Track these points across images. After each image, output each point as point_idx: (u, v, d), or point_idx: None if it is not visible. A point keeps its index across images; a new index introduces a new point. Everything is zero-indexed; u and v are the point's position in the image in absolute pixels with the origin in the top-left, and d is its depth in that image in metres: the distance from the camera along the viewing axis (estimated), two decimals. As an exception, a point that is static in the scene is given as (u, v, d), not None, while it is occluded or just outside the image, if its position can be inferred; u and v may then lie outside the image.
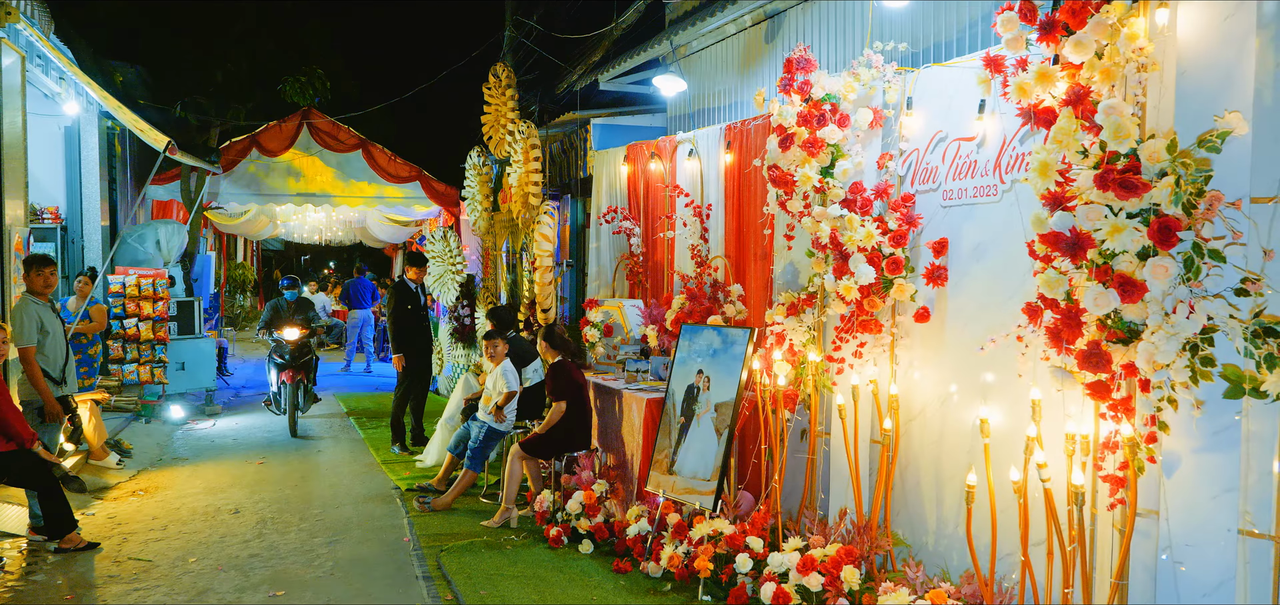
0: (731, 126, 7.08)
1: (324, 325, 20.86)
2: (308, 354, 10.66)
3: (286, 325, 10.60)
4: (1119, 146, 3.41)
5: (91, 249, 11.28)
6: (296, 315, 10.77)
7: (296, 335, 10.59)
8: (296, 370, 10.50)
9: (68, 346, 7.13)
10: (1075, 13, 3.72)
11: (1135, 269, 3.39)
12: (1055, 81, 3.82)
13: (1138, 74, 3.56)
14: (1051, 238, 3.58)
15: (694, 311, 6.72)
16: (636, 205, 8.60)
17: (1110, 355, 3.47)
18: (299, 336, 10.59)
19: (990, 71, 4.26)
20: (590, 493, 6.61)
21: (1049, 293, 3.64)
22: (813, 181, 5.33)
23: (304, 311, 10.87)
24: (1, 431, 5.94)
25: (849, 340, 5.32)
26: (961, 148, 4.88)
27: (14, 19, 7.54)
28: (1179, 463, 3.50)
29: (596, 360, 7.95)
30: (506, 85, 10.46)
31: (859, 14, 6.59)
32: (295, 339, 10.55)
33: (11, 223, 7.67)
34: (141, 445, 9.77)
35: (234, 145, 13.78)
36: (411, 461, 9.11)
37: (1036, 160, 3.67)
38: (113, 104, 8.95)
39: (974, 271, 4.83)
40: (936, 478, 5.04)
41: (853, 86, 5.31)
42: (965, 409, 4.82)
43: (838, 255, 5.27)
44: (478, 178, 11.96)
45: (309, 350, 10.71)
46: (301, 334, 10.61)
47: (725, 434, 5.78)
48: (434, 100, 14.26)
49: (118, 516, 7.23)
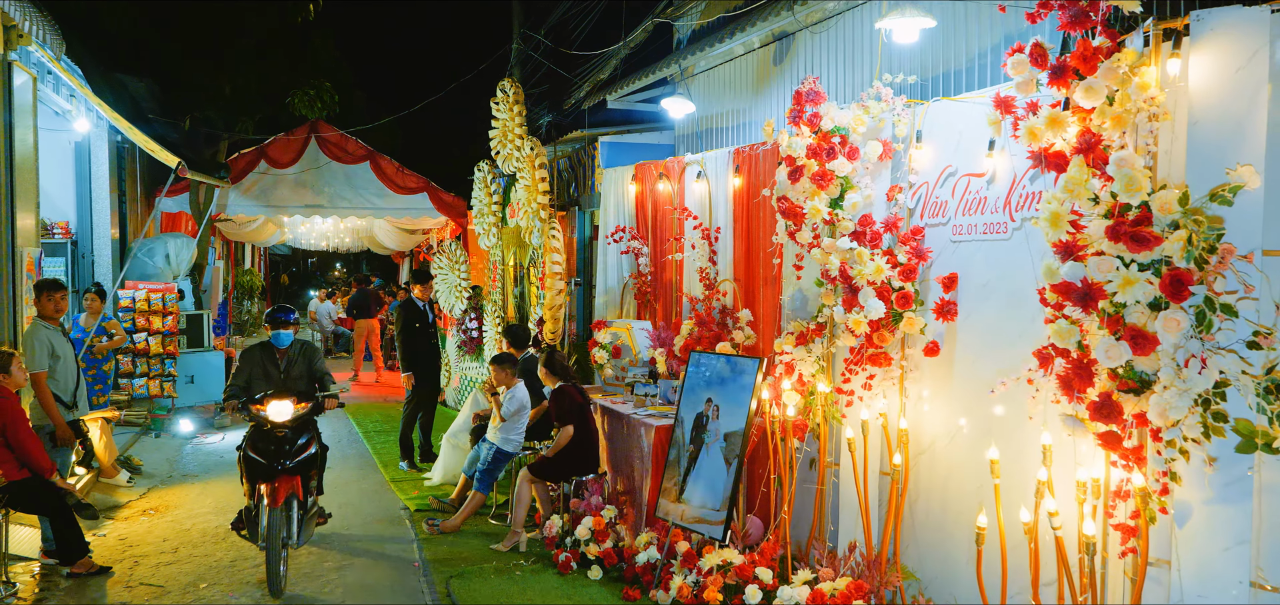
0: (740, 150, 7.09)
1: (330, 331, 21.02)
2: (308, 445, 6.25)
3: (273, 399, 6.14)
4: (1130, 199, 3.41)
5: (101, 263, 11.34)
6: (293, 369, 6.60)
7: (289, 412, 6.11)
8: (289, 475, 6.04)
9: (79, 370, 7.17)
10: (1086, 59, 3.72)
11: (1147, 320, 3.39)
12: (1066, 127, 3.82)
13: (1149, 122, 3.57)
14: (1063, 287, 3.58)
15: (703, 337, 6.73)
16: (644, 225, 8.61)
17: (1122, 406, 3.47)
18: (294, 414, 6.14)
19: (1000, 112, 4.27)
20: (599, 518, 6.62)
21: (1061, 343, 3.64)
22: (822, 214, 5.34)
23: (306, 363, 6.68)
24: (18, 460, 5.97)
25: (858, 372, 5.33)
26: (971, 184, 4.88)
27: (26, 42, 7.58)
28: (1191, 513, 3.50)
29: (605, 381, 7.96)
30: (515, 101, 10.49)
31: (868, 37, 6.59)
32: (288, 420, 6.10)
33: (23, 244, 7.72)
34: (151, 461, 9.82)
35: (242, 157, 13.85)
36: (420, 480, 9.14)
37: (1048, 210, 3.67)
38: (124, 124, 8.99)
39: (983, 307, 4.84)
40: (945, 512, 5.05)
41: (862, 119, 5.32)
42: (975, 444, 4.82)
43: (847, 288, 5.28)
44: (485, 191, 12.00)
45: (311, 433, 6.36)
46: (298, 411, 6.18)
47: (734, 464, 5.78)
48: (442, 112, 14.29)
49: (129, 538, 7.27)
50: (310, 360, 6.73)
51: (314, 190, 14.20)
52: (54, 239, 10.90)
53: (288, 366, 6.62)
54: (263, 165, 13.88)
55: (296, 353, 6.69)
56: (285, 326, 6.66)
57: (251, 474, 6.14)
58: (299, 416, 6.22)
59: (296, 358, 6.68)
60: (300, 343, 6.78)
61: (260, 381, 6.52)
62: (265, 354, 6.63)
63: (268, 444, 6.08)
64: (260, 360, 6.60)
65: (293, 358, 6.66)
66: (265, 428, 6.13)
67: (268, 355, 6.63)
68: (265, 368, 6.58)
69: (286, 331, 6.66)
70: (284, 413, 6.15)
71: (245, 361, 6.62)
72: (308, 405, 6.34)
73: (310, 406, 6.36)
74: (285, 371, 6.59)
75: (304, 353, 6.75)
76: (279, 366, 6.61)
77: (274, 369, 6.58)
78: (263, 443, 6.10)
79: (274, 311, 6.74)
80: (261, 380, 6.52)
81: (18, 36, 7.51)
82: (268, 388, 6.44)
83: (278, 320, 6.68)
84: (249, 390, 6.50)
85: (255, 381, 6.54)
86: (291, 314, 6.74)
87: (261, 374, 6.55)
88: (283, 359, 6.63)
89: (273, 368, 6.59)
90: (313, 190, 14.21)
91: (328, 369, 6.84)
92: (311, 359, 6.75)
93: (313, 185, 14.19)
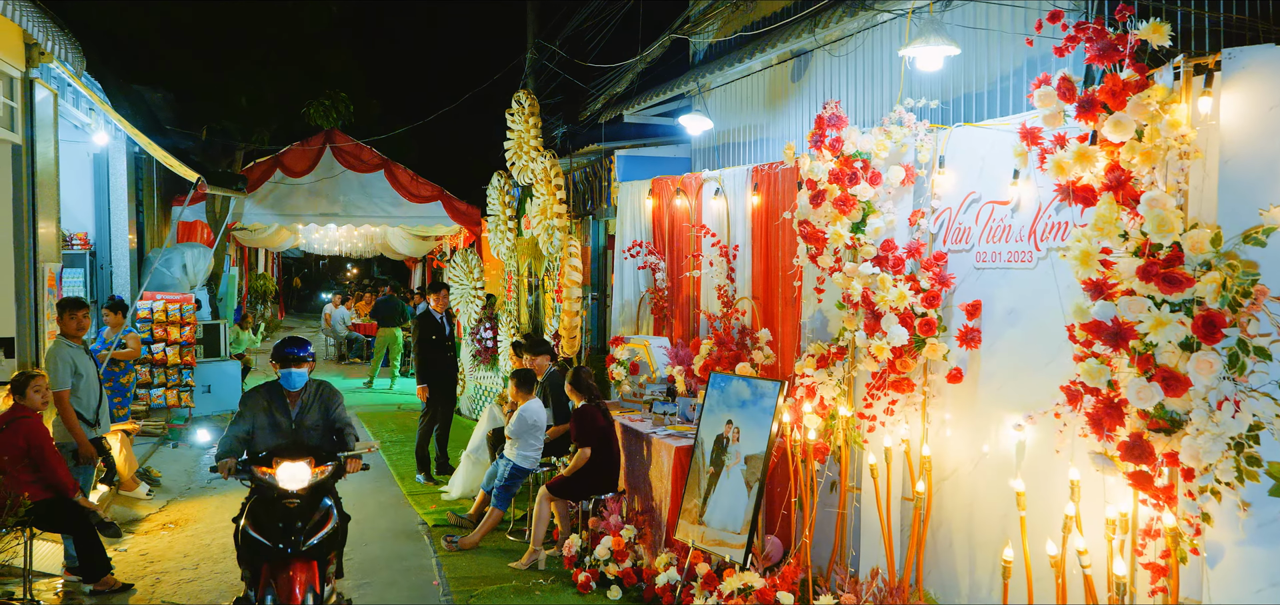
0: (758, 169, 7.08)
1: (343, 338, 21.06)
2: (327, 519, 4.99)
3: (284, 458, 4.88)
4: (1161, 239, 3.39)
5: (119, 274, 11.39)
6: (306, 418, 5.42)
7: (305, 477, 4.87)
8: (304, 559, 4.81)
9: (101, 388, 7.21)
10: (1115, 94, 3.70)
11: (1178, 361, 3.37)
12: (1094, 161, 3.80)
13: (1180, 160, 3.55)
14: (1094, 326, 3.57)
15: (722, 358, 6.73)
16: (661, 240, 8.61)
17: (1153, 447, 3.46)
18: (311, 479, 4.89)
19: (1026, 144, 4.25)
20: (618, 538, 6.63)
21: (1091, 382, 3.63)
22: (844, 239, 5.33)
23: (323, 410, 5.48)
24: (43, 480, 6.02)
25: (880, 397, 5.32)
26: (996, 211, 4.87)
27: (47, 59, 7.65)
28: (1222, 554, 3.49)
29: (622, 397, 7.97)
30: (530, 112, 10.52)
31: (887, 57, 6.58)
32: (304, 488, 4.86)
33: (45, 259, 7.78)
34: (170, 472, 9.87)
35: (258, 166, 13.93)
36: (437, 493, 9.16)
37: (1078, 249, 3.65)
38: (146, 141, 9.05)
39: (1008, 335, 4.82)
40: (969, 539, 5.03)
41: (884, 144, 5.31)
42: (999, 472, 4.81)
43: (869, 313, 5.27)
44: (501, 202, 12.02)
45: (330, 502, 5.10)
46: (315, 475, 4.93)
47: (755, 487, 5.78)
48: (456, 120, 14.33)
49: (150, 553, 7.31)
50: (328, 407, 5.50)
51: (329, 198, 14.27)
52: (73, 250, 10.96)
53: (300, 415, 5.40)
54: (278, 174, 13.96)
55: (311, 397, 5.47)
56: (297, 364, 5.36)
57: (252, 557, 4.83)
58: (317, 482, 4.92)
59: (311, 404, 5.45)
60: (316, 384, 5.54)
61: (265, 433, 5.31)
62: (272, 398, 5.39)
63: (275, 518, 4.80)
64: (266, 406, 5.37)
65: (306, 404, 5.44)
66: (273, 496, 4.85)
67: (275, 400, 5.39)
68: (272, 416, 5.36)
69: (299, 371, 5.37)
70: (298, 477, 4.84)
71: (247, 408, 5.38)
72: (328, 467, 5.01)
73: (331, 469, 5.03)
74: (297, 421, 5.38)
75: (320, 398, 5.50)
76: (289, 415, 5.39)
77: (283, 418, 5.37)
78: (269, 516, 4.82)
79: (283, 346, 5.44)
80: (267, 432, 5.32)
81: (40, 54, 7.58)
82: (274, 440, 5.25)
83: (288, 357, 5.38)
84: (251, 444, 5.26)
85: (259, 433, 5.31)
86: (305, 348, 5.46)
87: (267, 424, 5.34)
88: (294, 405, 5.42)
89: (281, 416, 5.38)
90: (328, 198, 14.28)
91: (350, 418, 5.61)
92: (329, 405, 5.51)
93: (328, 193, 14.26)
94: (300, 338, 5.63)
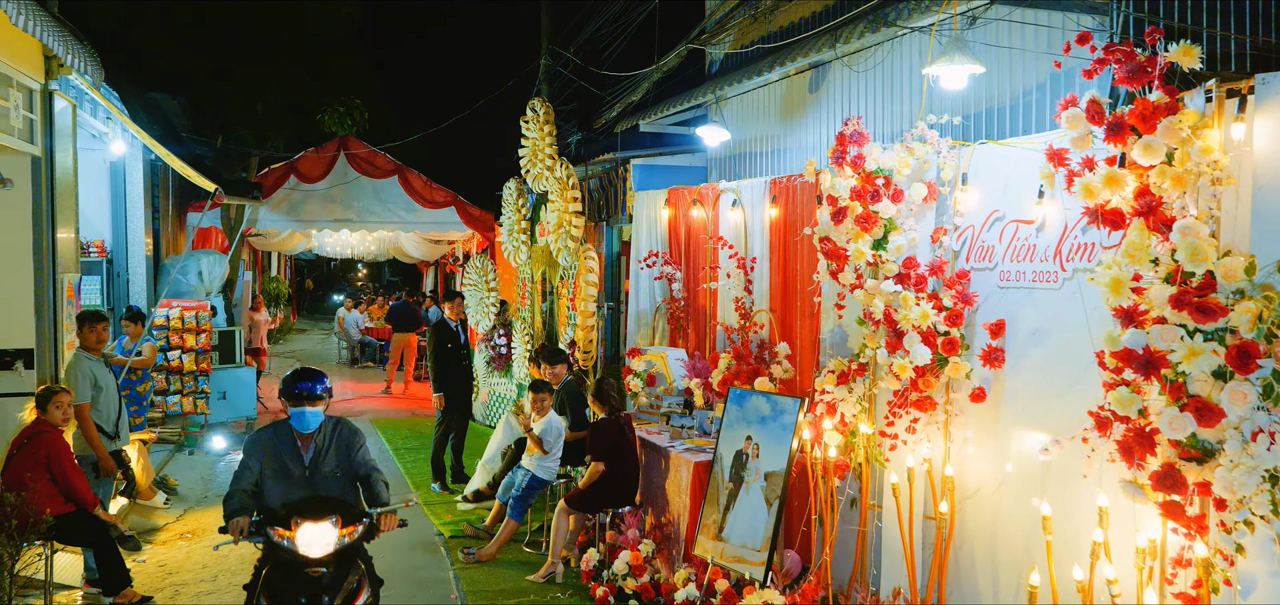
0: (776, 181, 7.05)
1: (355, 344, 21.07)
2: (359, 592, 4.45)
3: (305, 518, 4.26)
4: (1195, 268, 3.36)
5: (136, 281, 11.44)
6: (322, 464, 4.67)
7: (330, 541, 4.27)
8: None
9: (121, 401, 7.24)
10: (1146, 117, 3.66)
11: (1211, 390, 3.34)
12: (1124, 185, 3.76)
13: (1212, 186, 3.51)
14: (1124, 354, 3.54)
15: (741, 371, 6.70)
16: (677, 250, 8.59)
17: (1185, 477, 3.42)
18: (337, 544, 4.30)
19: (1053, 165, 4.21)
20: (637, 552, 6.61)
21: (1121, 410, 3.59)
22: (866, 256, 5.30)
23: (343, 454, 4.75)
24: (64, 494, 6.04)
25: (902, 415, 5.28)
26: (1020, 230, 4.83)
27: (66, 71, 7.69)
28: (1256, 585, 3.45)
29: (639, 408, 7.95)
30: (545, 120, 10.50)
31: (905, 68, 6.54)
32: (329, 553, 4.27)
33: (64, 270, 7.81)
34: (186, 480, 9.91)
35: (273, 172, 13.97)
36: (453, 502, 9.16)
37: (1108, 276, 3.62)
38: (162, 151, 9.09)
39: (1032, 355, 4.78)
40: (992, 559, 5.00)
41: (907, 161, 5.27)
42: (1023, 492, 4.77)
43: (891, 331, 5.23)
44: (515, 209, 12.02)
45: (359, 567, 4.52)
46: (343, 538, 4.33)
47: (775, 504, 5.76)
48: (470, 125, 14.34)
49: (168, 564, 7.33)
50: (349, 450, 4.77)
51: (343, 204, 14.32)
52: (90, 258, 11.01)
53: (315, 461, 4.68)
54: (292, 180, 14.00)
55: (327, 439, 4.73)
56: (310, 402, 4.59)
57: None
58: (344, 547, 4.30)
59: (327, 447, 4.72)
60: (333, 423, 4.79)
61: (276, 482, 4.60)
62: (281, 441, 4.67)
63: (297, 592, 4.18)
64: (275, 451, 4.65)
65: (321, 447, 4.71)
66: (292, 561, 4.23)
67: (285, 443, 4.67)
68: (282, 462, 4.63)
69: (313, 409, 4.61)
70: (322, 541, 4.21)
71: (254, 451, 4.66)
72: (357, 527, 4.38)
73: (361, 529, 4.40)
74: (311, 468, 4.66)
75: (339, 439, 4.77)
76: (302, 461, 4.66)
77: (295, 464, 4.64)
78: (289, 588, 4.21)
79: (293, 381, 4.64)
80: (277, 480, 4.60)
81: (58, 66, 7.62)
82: (288, 492, 4.56)
83: (299, 394, 4.58)
84: (260, 495, 4.61)
85: (269, 483, 4.61)
86: (319, 383, 4.65)
87: (276, 470, 4.62)
88: (307, 448, 4.69)
89: (293, 462, 4.64)
90: (341, 204, 14.33)
91: (375, 463, 4.87)
92: (350, 448, 4.78)
93: (342, 199, 14.30)
94: (312, 370, 4.76)
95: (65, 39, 7.13)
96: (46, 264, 7.54)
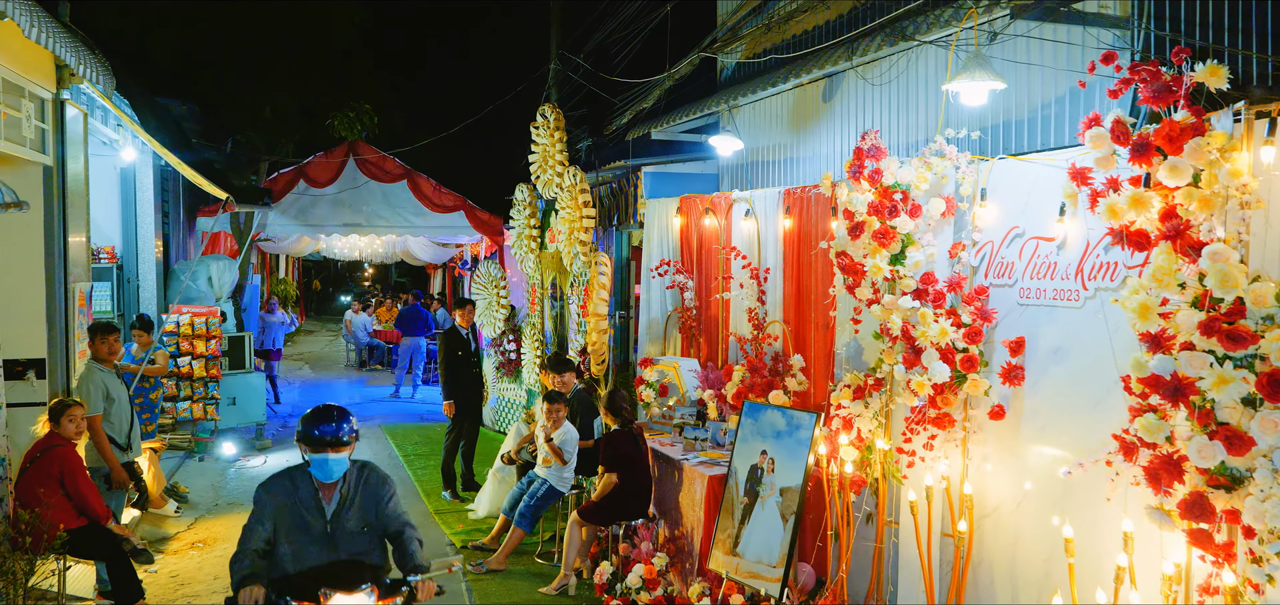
0: (790, 192, 7.01)
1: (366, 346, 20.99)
2: None
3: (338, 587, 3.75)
4: (1224, 294, 3.31)
5: (146, 288, 11.45)
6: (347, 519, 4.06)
7: None
8: None
9: (133, 412, 7.23)
10: (1172, 139, 3.62)
11: (1241, 418, 3.29)
12: (1149, 207, 3.72)
13: (1241, 210, 3.46)
14: (1151, 380, 3.49)
15: (756, 384, 6.67)
16: (690, 258, 8.56)
17: (1214, 506, 3.38)
18: None
19: (1076, 184, 4.17)
20: (651, 566, 6.58)
21: (1149, 437, 3.55)
22: (883, 272, 5.26)
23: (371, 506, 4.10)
24: (77, 508, 6.03)
25: (919, 432, 5.24)
26: (1040, 247, 4.78)
27: (78, 81, 7.68)
28: (1284, 614, 3.40)
29: (651, 419, 7.92)
30: (555, 127, 10.48)
31: (922, 77, 6.49)
32: None
33: (75, 279, 7.81)
34: (197, 488, 9.91)
35: (282, 177, 13.97)
36: (463, 511, 9.14)
37: (1136, 301, 3.57)
38: (173, 159, 9.08)
39: (1052, 373, 4.73)
40: (1012, 578, 4.95)
41: (925, 175, 5.22)
42: (1043, 511, 4.72)
43: (909, 347, 5.19)
44: (525, 215, 11.99)
45: None
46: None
47: (791, 520, 5.72)
48: (479, 129, 14.34)
49: (180, 575, 7.32)
50: (377, 501, 4.08)
51: (352, 209, 14.31)
52: (100, 264, 11.02)
53: (338, 514, 4.01)
54: (302, 185, 14.00)
55: (353, 489, 4.06)
56: (335, 448, 3.90)
57: None
58: None
59: (353, 497, 4.05)
60: (358, 469, 4.10)
61: (292, 540, 3.97)
62: (299, 492, 4.00)
63: None
64: (291, 503, 3.98)
65: (347, 498, 4.04)
66: None
67: (304, 495, 4.00)
68: (300, 516, 3.97)
69: (337, 456, 3.91)
70: None
71: (266, 505, 3.97)
72: (396, 601, 3.84)
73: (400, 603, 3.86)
74: (334, 523, 4.00)
75: (365, 488, 4.09)
76: (323, 515, 4.00)
77: (316, 518, 3.98)
78: None
79: (314, 421, 3.94)
80: (294, 538, 3.96)
81: (70, 76, 7.61)
82: (305, 551, 3.96)
83: (321, 438, 3.89)
84: (273, 556, 3.97)
85: (284, 541, 3.97)
86: (344, 424, 3.95)
87: (292, 526, 3.95)
88: (329, 499, 4.02)
89: (313, 516, 3.98)
90: (351, 209, 14.32)
91: (408, 515, 4.20)
92: (379, 498, 4.09)
93: (351, 204, 14.29)
94: (335, 407, 4.03)
95: (77, 49, 7.12)
96: (58, 273, 7.53)
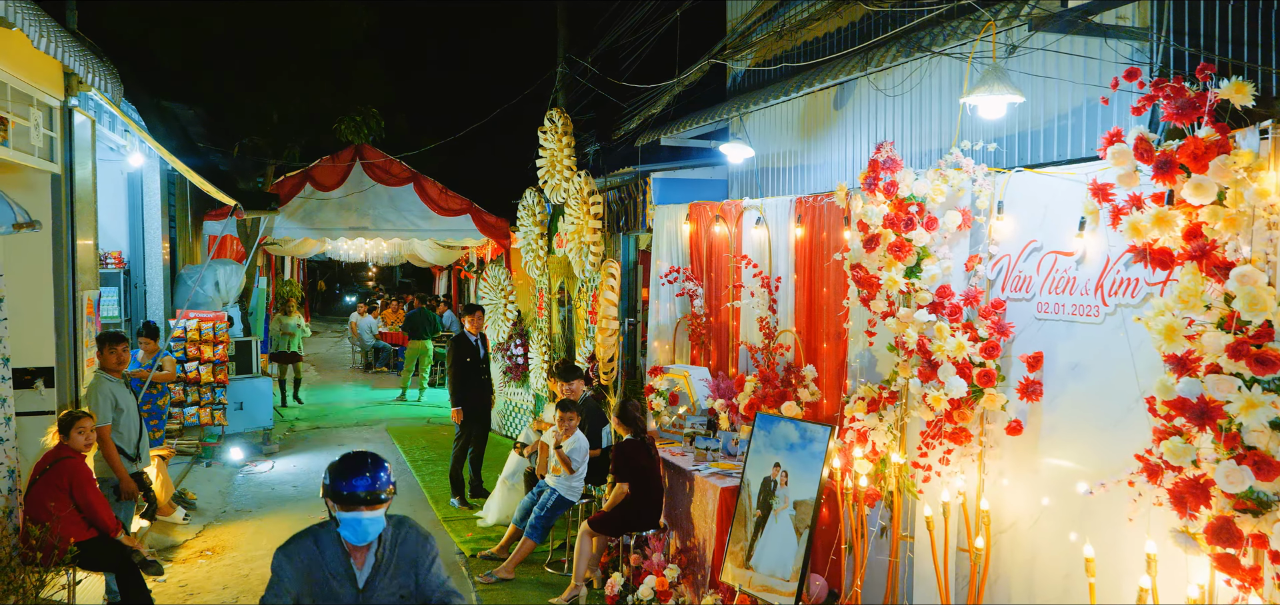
0: (802, 200, 6.97)
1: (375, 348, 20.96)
2: None
3: None
4: (1252, 317, 3.26)
5: (153, 293, 11.42)
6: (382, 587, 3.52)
7: None
8: None
9: (141, 422, 7.21)
10: (1197, 156, 3.57)
11: (1269, 442, 3.24)
12: (1174, 225, 3.67)
13: (1269, 231, 3.41)
14: (1178, 403, 3.45)
15: (768, 395, 6.62)
16: (699, 265, 8.51)
17: (1240, 530, 3.33)
18: None
19: (1098, 200, 4.12)
20: (662, 578, 6.55)
21: (1174, 460, 3.50)
22: (899, 285, 5.21)
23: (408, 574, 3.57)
24: (87, 520, 6.00)
25: (935, 446, 5.19)
26: (1059, 261, 4.73)
27: (86, 88, 7.65)
28: (1312, 641, 3.36)
29: (661, 428, 7.88)
30: (563, 131, 10.45)
31: (935, 86, 6.43)
32: None
33: (83, 287, 7.78)
34: (205, 494, 9.89)
35: (288, 180, 13.95)
36: (472, 519, 9.11)
37: (1161, 322, 3.53)
38: (180, 166, 9.07)
39: (1071, 389, 4.69)
40: (1029, 594, 4.90)
41: (941, 188, 5.17)
42: (1061, 528, 4.68)
43: (925, 361, 5.15)
44: (532, 219, 11.96)
45: None
46: None
47: (805, 533, 5.68)
48: (486, 131, 14.30)
49: (189, 584, 7.30)
50: (416, 565, 3.58)
51: (358, 212, 14.29)
52: (107, 269, 10.99)
53: (372, 583, 3.51)
54: (308, 188, 13.99)
55: (389, 552, 3.55)
56: (371, 505, 3.38)
57: None
58: None
59: (389, 560, 3.55)
60: (395, 526, 3.61)
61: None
62: (327, 557, 3.49)
63: None
64: (318, 571, 3.47)
65: (382, 561, 3.54)
66: None
67: (333, 560, 3.49)
68: (328, 586, 3.47)
69: (371, 516, 3.40)
70: None
71: (287, 572, 3.45)
72: None
73: None
74: (366, 593, 3.50)
75: (402, 550, 3.58)
76: (356, 583, 3.50)
77: (346, 588, 3.48)
78: None
79: (343, 473, 3.41)
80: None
81: (78, 83, 7.58)
82: None
83: (351, 496, 3.37)
84: None
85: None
86: (380, 475, 3.43)
87: (318, 596, 3.47)
88: (362, 564, 3.52)
89: (343, 585, 3.48)
90: (357, 212, 14.30)
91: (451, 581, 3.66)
92: (417, 561, 3.58)
93: (357, 207, 14.28)
94: (369, 454, 3.51)
95: (85, 57, 7.09)
96: (66, 282, 7.50)
